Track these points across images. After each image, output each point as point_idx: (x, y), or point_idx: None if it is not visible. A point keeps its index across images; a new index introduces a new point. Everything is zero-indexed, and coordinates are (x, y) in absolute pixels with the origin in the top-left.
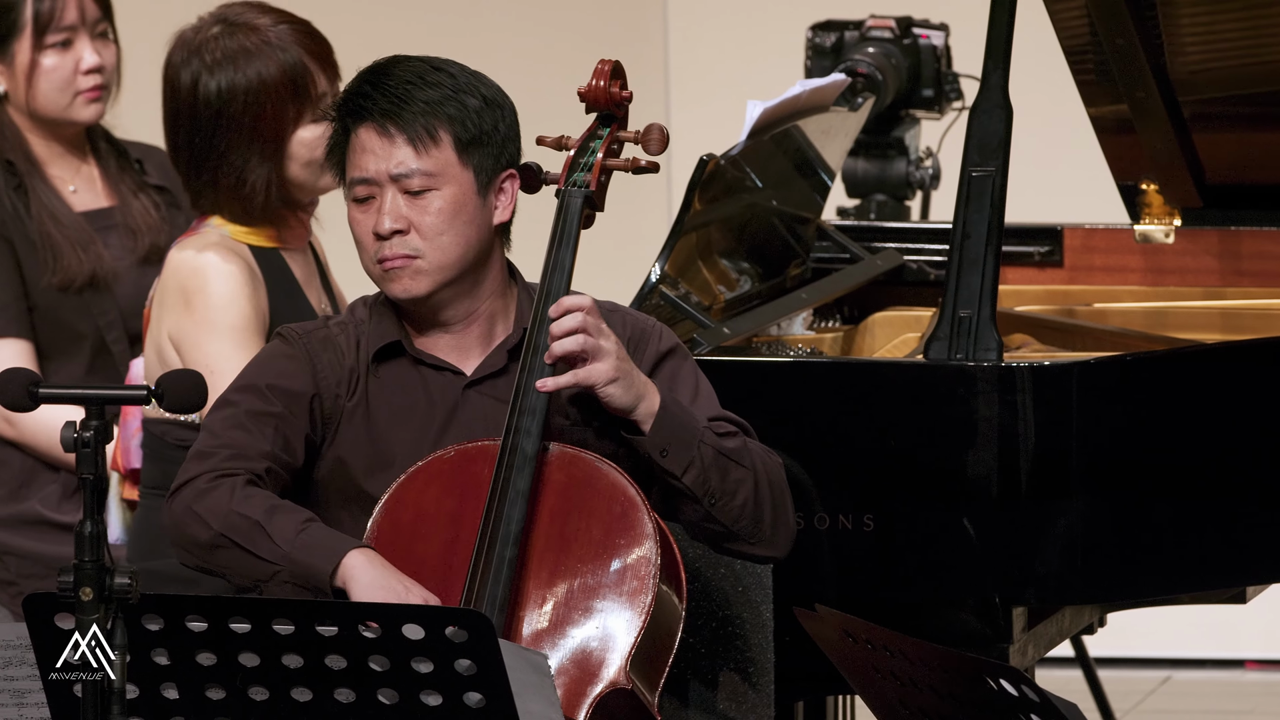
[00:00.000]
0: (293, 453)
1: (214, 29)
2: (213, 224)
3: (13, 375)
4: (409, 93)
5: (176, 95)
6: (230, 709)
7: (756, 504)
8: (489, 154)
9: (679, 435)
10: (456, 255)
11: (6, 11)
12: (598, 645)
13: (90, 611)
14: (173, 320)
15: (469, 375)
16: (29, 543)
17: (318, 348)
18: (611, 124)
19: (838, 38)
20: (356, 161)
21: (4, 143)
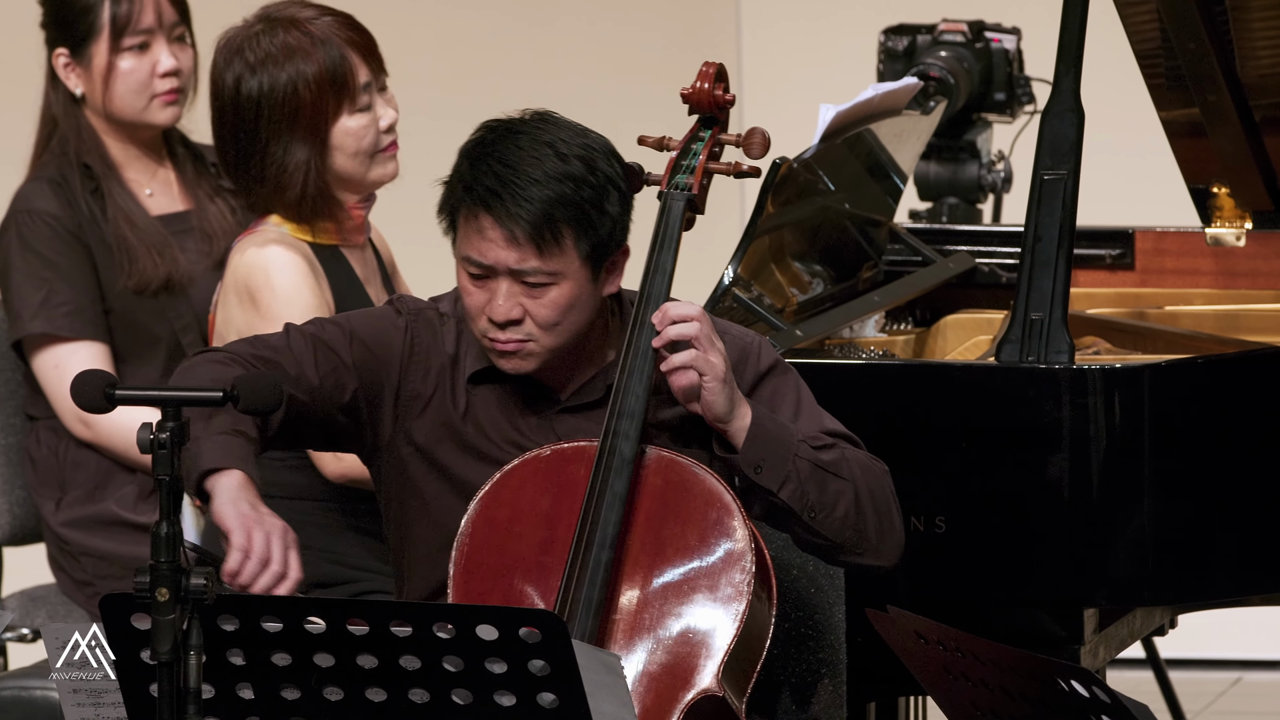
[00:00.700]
0: (338, 390)
1: (256, 27)
2: (270, 223)
3: (89, 377)
4: (534, 194)
5: (221, 95)
6: (305, 709)
7: (858, 515)
8: (608, 249)
9: (773, 450)
10: (568, 338)
11: (84, 14)
12: (691, 650)
13: (166, 612)
14: (240, 318)
15: (563, 399)
16: (105, 543)
17: (422, 329)
18: (714, 126)
19: (910, 42)
20: (475, 244)
21: (81, 146)
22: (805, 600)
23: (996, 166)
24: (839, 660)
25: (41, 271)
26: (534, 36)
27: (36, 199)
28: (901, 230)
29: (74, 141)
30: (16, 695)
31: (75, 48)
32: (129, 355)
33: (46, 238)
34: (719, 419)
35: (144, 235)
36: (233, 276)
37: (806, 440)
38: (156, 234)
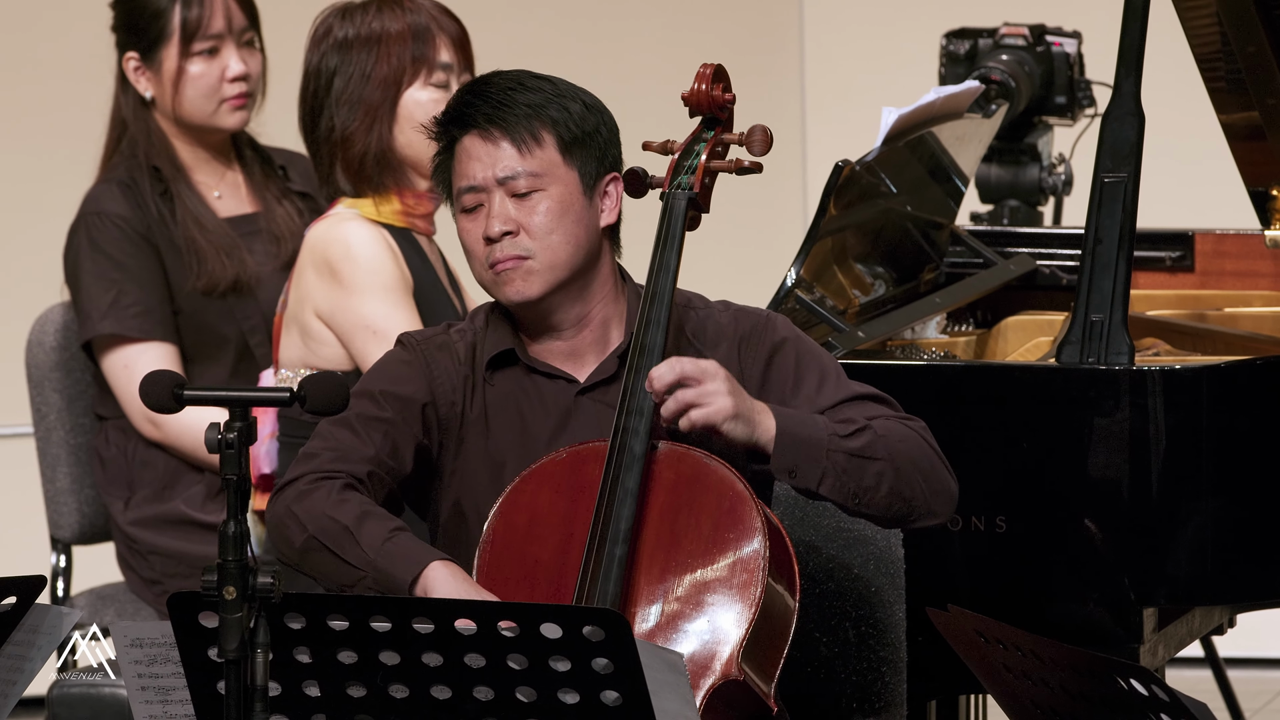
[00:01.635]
0: (400, 459)
1: (349, 6)
2: (340, 207)
3: (158, 378)
4: (511, 98)
5: (311, 54)
6: (371, 706)
7: (901, 488)
8: (592, 156)
9: (804, 452)
10: (566, 254)
11: (155, 19)
12: (709, 638)
13: (233, 610)
14: (319, 295)
15: (582, 382)
16: (173, 542)
17: (435, 354)
18: (715, 127)
19: (972, 45)
20: (463, 171)
21: (151, 149)
22: (866, 599)
23: (1057, 169)
24: (900, 658)
25: (111, 273)
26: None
27: (106, 201)
28: (963, 232)
29: (143, 144)
30: (86, 692)
31: (146, 52)
32: (197, 356)
33: (116, 239)
34: (744, 444)
35: (212, 237)
36: (309, 254)
37: (836, 432)
38: (225, 236)
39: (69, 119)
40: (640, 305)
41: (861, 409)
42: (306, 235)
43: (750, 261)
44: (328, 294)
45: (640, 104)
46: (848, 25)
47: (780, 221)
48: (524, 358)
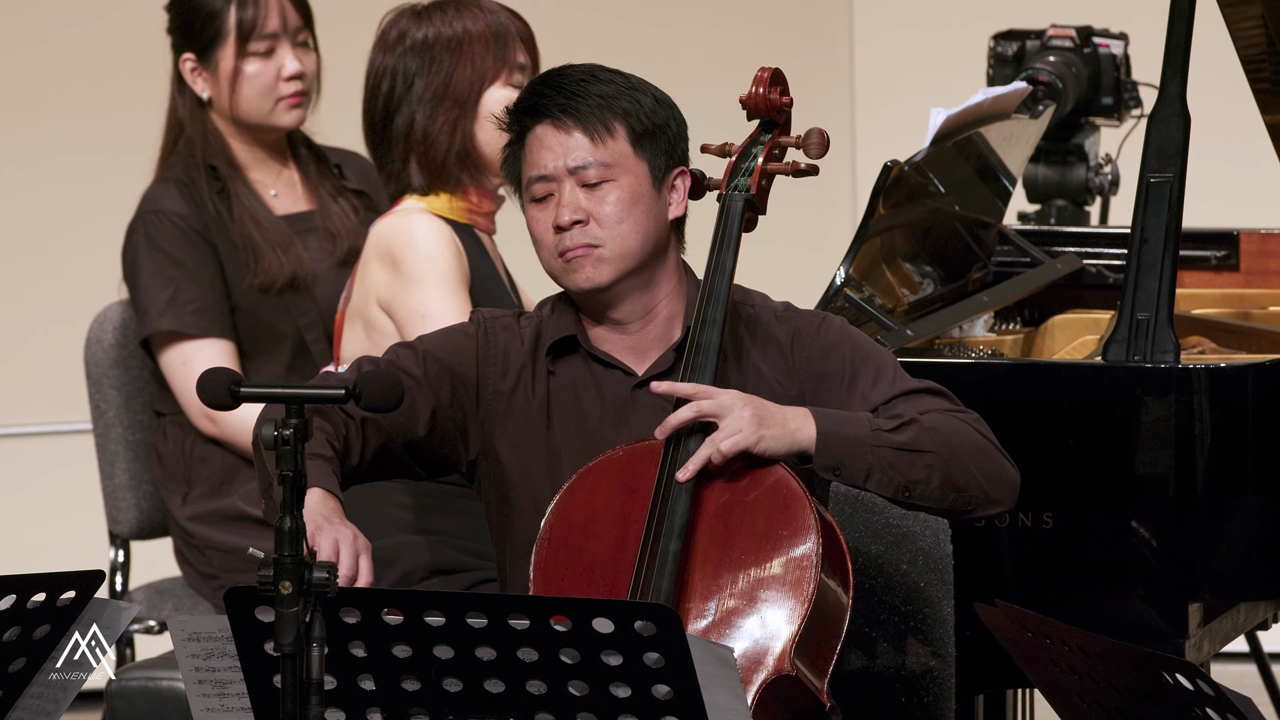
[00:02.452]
0: (412, 417)
1: (420, 9)
2: (407, 203)
3: (215, 375)
4: (584, 88)
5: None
6: (425, 700)
7: (954, 479)
8: (661, 148)
9: (847, 450)
10: (636, 244)
11: (211, 20)
12: (762, 634)
13: (289, 605)
14: (382, 285)
15: (639, 375)
16: (230, 537)
17: (497, 334)
18: (773, 130)
19: (1019, 47)
20: (534, 160)
21: (207, 148)
22: (915, 594)
23: (1104, 169)
24: (948, 653)
25: (169, 270)
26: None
27: (164, 199)
28: (1010, 232)
29: (200, 144)
30: (144, 686)
31: (202, 53)
32: (254, 352)
33: (173, 237)
34: (785, 453)
35: (269, 234)
36: (373, 245)
37: (880, 427)
38: (281, 233)
39: (126, 119)
40: (697, 304)
41: (916, 403)
42: (372, 230)
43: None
44: (389, 283)
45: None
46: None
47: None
48: (585, 344)
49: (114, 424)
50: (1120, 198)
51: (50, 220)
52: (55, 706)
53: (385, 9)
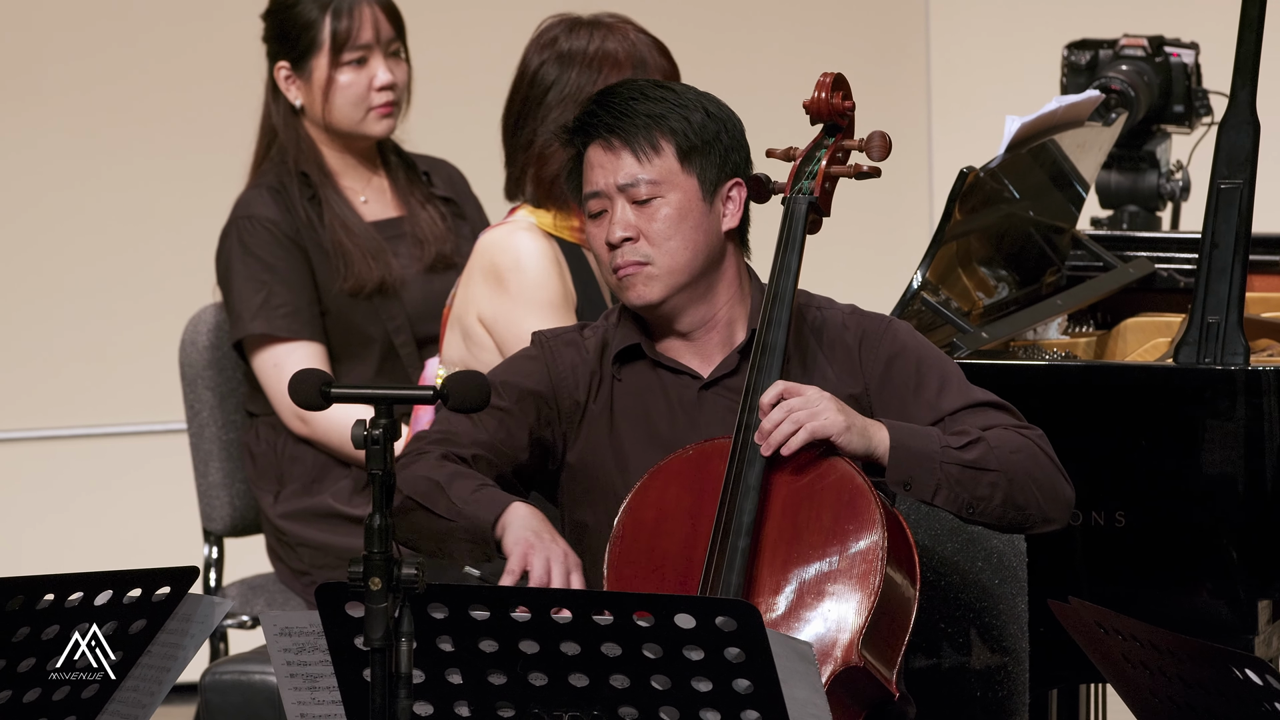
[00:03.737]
0: (514, 445)
1: (575, 19)
2: (519, 215)
3: (306, 376)
4: (631, 108)
5: (532, 56)
6: (511, 693)
7: (1015, 498)
8: (711, 163)
9: (918, 465)
10: (685, 260)
11: (306, 30)
12: (830, 626)
13: (378, 600)
14: (484, 301)
15: (705, 377)
16: (321, 534)
17: (562, 350)
18: (836, 133)
19: (1092, 56)
20: (588, 178)
21: (300, 155)
22: (989, 591)
23: (1175, 176)
24: (1022, 649)
25: (261, 274)
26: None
27: (256, 205)
28: (1084, 236)
29: (293, 151)
30: (237, 679)
31: (296, 62)
32: (344, 355)
33: (266, 242)
34: (860, 456)
35: (359, 240)
36: (480, 260)
37: (949, 444)
38: (371, 239)
39: (221, 125)
40: (762, 306)
41: (981, 417)
42: (480, 239)
43: (878, 265)
44: (492, 301)
45: (775, 115)
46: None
47: (906, 226)
48: (650, 353)
49: (208, 424)
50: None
51: (146, 225)
52: (151, 699)
53: (476, 20)
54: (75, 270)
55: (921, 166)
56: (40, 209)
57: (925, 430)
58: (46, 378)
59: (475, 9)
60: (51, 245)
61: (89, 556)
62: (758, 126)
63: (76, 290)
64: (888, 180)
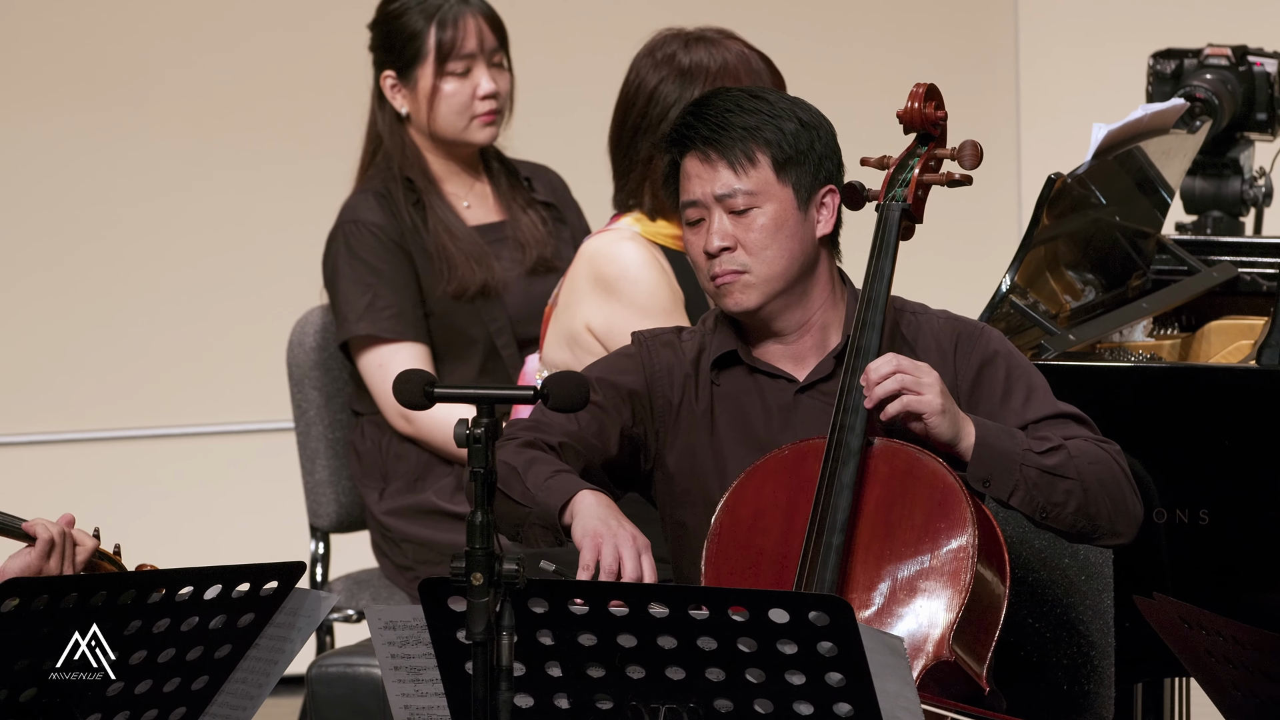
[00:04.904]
0: (605, 440)
1: (685, 33)
2: (624, 222)
3: (411, 376)
4: (727, 120)
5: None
6: (609, 686)
7: (1088, 507)
8: (806, 172)
9: (999, 464)
10: (781, 268)
11: (411, 40)
12: (922, 622)
13: (480, 595)
14: (594, 310)
15: (801, 380)
16: (424, 531)
17: (659, 350)
18: (929, 142)
19: (1177, 65)
20: (685, 187)
21: (405, 161)
22: (1076, 587)
23: (1258, 182)
24: (1108, 643)
25: (367, 277)
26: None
27: (362, 210)
28: (1169, 241)
29: (398, 157)
30: (343, 672)
31: (402, 71)
32: (447, 356)
33: (371, 246)
34: (946, 444)
35: (462, 244)
36: (586, 267)
37: (1031, 448)
38: (474, 243)
39: (329, 132)
40: (856, 310)
41: (1062, 428)
42: (584, 246)
43: (967, 269)
44: (603, 309)
45: (867, 124)
46: (1060, 48)
47: (995, 231)
48: (746, 358)
49: (315, 423)
50: (1273, 209)
51: (255, 228)
52: (259, 691)
53: (578, 30)
54: (188, 272)
55: (1011, 173)
56: (154, 211)
57: (1010, 431)
58: (159, 377)
59: (576, 19)
60: (165, 247)
61: (199, 552)
62: (851, 135)
63: (189, 292)
64: (978, 187)
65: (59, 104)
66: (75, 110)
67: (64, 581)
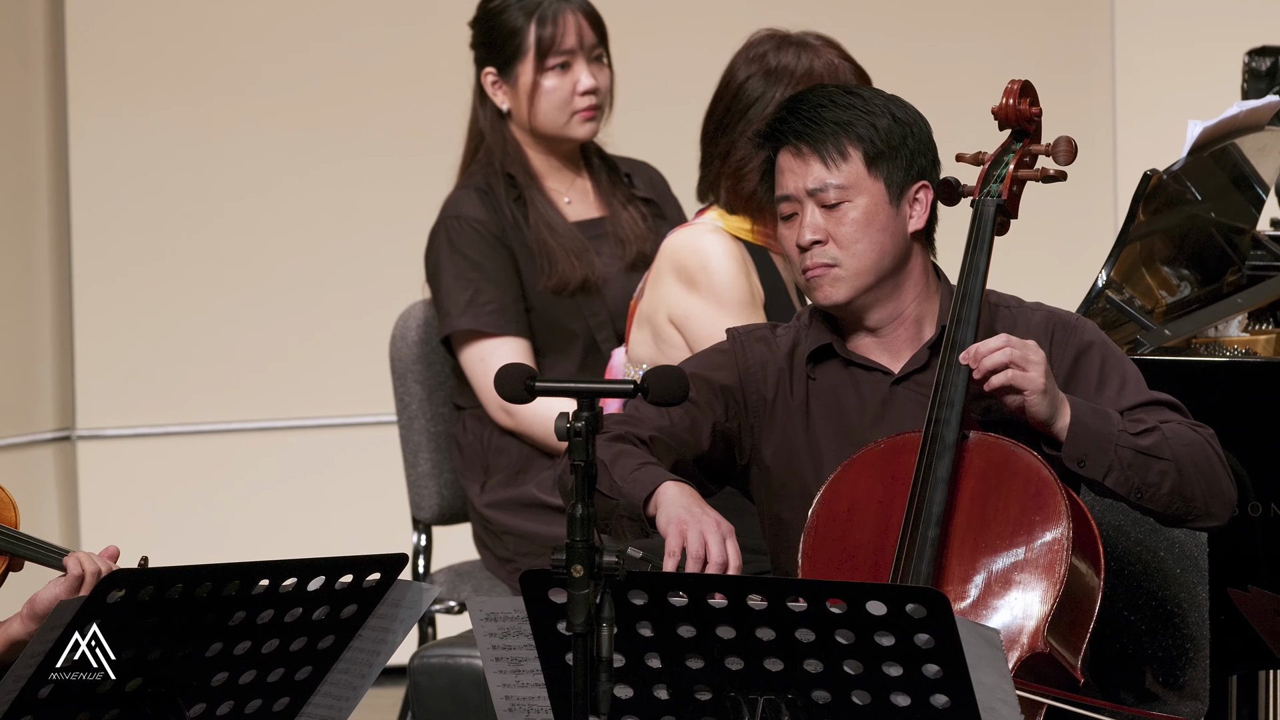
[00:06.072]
0: (696, 434)
1: (783, 37)
2: (708, 217)
3: (512, 370)
4: (820, 115)
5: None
6: (708, 677)
7: (1184, 489)
8: (898, 167)
9: (1095, 444)
10: (871, 261)
11: (512, 37)
12: (1016, 614)
13: (581, 587)
14: (674, 301)
15: (896, 373)
16: (525, 523)
17: (753, 345)
18: (1024, 138)
19: (1272, 63)
20: (779, 181)
21: (506, 157)
22: (1171, 579)
23: None
24: (1203, 635)
25: (469, 272)
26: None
27: (464, 206)
28: (1264, 237)
29: (499, 153)
30: (445, 662)
31: (503, 67)
32: (548, 350)
33: (473, 241)
34: (1043, 424)
35: (563, 240)
36: (668, 260)
37: (1126, 429)
38: (574, 239)
39: (430, 128)
40: (951, 304)
41: (1156, 413)
42: (667, 239)
43: (1063, 265)
44: (683, 301)
45: (964, 121)
46: (1156, 46)
47: (1091, 227)
48: (841, 351)
49: (417, 416)
50: None
51: (358, 223)
52: (362, 681)
53: (677, 26)
54: (292, 267)
55: (1106, 169)
56: (258, 206)
57: (1105, 413)
58: (264, 371)
59: (675, 15)
60: (269, 242)
61: (302, 544)
62: (947, 131)
63: (293, 287)
64: (1073, 183)
65: (164, 99)
66: (180, 104)
67: (169, 573)
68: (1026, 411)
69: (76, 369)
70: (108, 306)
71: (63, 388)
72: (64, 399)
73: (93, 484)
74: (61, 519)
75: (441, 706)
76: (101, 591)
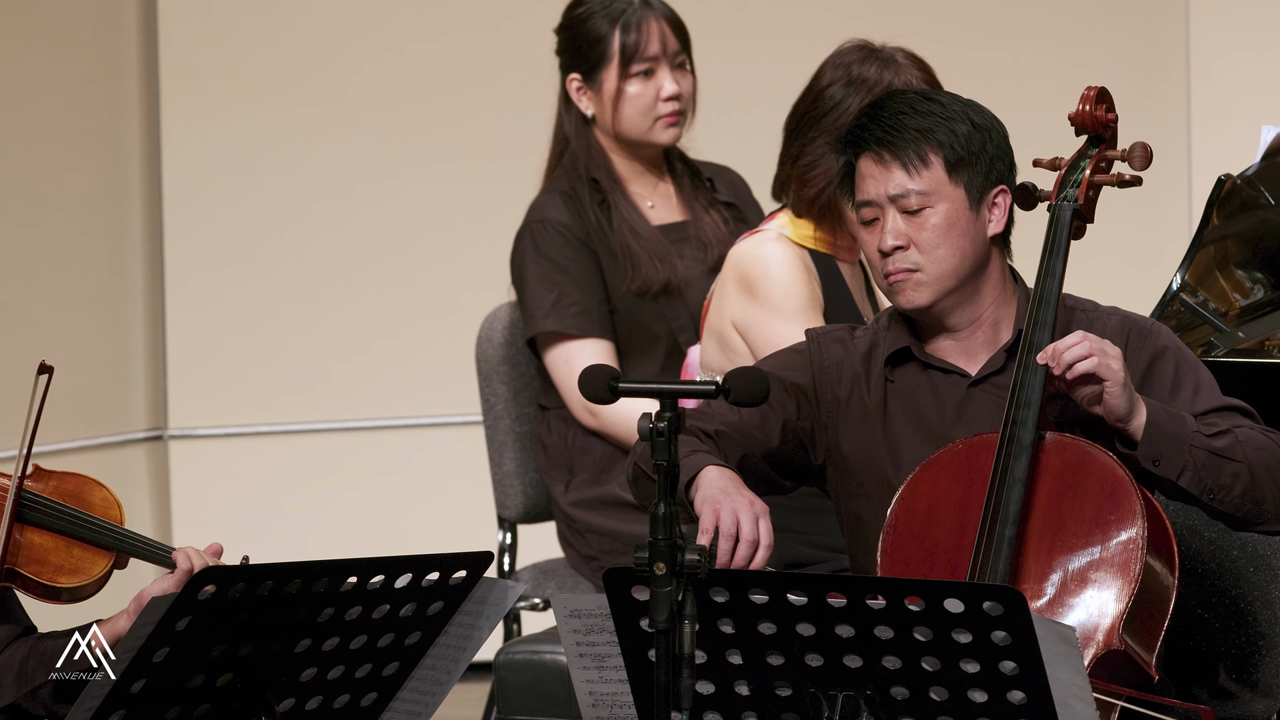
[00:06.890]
0: (766, 430)
1: (870, 51)
2: (775, 224)
3: (596, 371)
4: (901, 122)
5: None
6: (788, 673)
7: (1255, 492)
8: (978, 172)
9: (1170, 444)
10: (953, 266)
11: (596, 43)
12: (1092, 612)
13: (663, 584)
14: (736, 308)
15: (973, 375)
16: (609, 522)
17: (829, 346)
18: (1100, 144)
19: None
20: (860, 187)
21: (590, 162)
22: (1245, 578)
23: None
24: (1275, 633)
25: (553, 275)
26: (991, 66)
27: (549, 209)
28: None
29: (584, 158)
30: (529, 658)
31: (587, 73)
32: (631, 351)
33: (558, 244)
34: (1119, 420)
35: (646, 243)
36: (732, 268)
37: (1200, 430)
38: (657, 242)
39: (516, 132)
40: (1028, 308)
41: (1229, 418)
42: (733, 250)
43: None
44: (744, 308)
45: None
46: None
47: (1166, 231)
48: (919, 354)
49: (502, 416)
50: None
51: (445, 226)
52: (448, 677)
53: (759, 33)
54: (380, 268)
55: (1181, 174)
56: (345, 208)
57: (1180, 415)
58: (352, 372)
59: (759, 22)
60: (356, 244)
61: (389, 542)
62: (1024, 137)
63: (380, 288)
64: (1148, 187)
65: (254, 103)
66: (269, 109)
67: (259, 570)
68: (1105, 405)
69: (169, 369)
70: (199, 308)
71: (155, 388)
72: (156, 399)
73: (184, 483)
74: (153, 518)
75: (526, 702)
76: (194, 588)
